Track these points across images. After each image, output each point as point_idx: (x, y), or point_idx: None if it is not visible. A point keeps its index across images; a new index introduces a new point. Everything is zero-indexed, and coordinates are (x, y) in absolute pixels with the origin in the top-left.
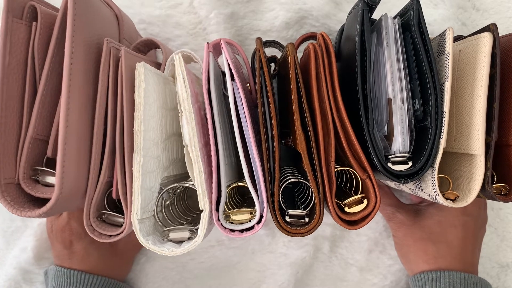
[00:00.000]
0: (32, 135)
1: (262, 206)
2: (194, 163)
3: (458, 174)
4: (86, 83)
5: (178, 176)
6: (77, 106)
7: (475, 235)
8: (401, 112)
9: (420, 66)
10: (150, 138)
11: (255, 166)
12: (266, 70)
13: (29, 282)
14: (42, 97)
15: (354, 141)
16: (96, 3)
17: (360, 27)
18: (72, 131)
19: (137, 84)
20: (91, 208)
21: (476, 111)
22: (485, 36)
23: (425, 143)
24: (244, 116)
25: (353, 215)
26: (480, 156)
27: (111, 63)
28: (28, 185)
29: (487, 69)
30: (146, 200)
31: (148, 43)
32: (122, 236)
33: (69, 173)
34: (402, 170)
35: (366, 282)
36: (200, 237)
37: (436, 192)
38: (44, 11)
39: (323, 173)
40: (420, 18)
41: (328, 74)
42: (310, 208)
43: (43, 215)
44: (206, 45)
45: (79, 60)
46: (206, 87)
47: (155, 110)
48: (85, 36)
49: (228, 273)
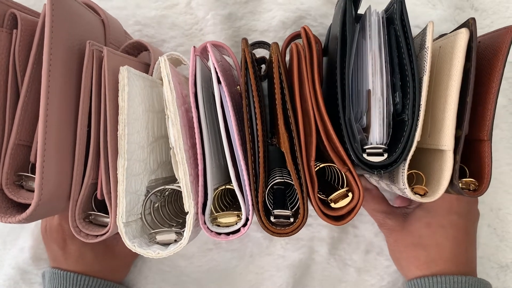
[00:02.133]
0: (15, 141)
1: (248, 209)
2: (179, 165)
3: (431, 170)
4: (68, 87)
5: (168, 178)
6: (57, 111)
7: (466, 232)
8: (379, 104)
9: (401, 59)
10: (135, 141)
11: (240, 169)
12: (251, 70)
13: (28, 282)
14: (24, 103)
15: (332, 134)
16: (76, 9)
17: (341, 17)
18: (52, 136)
19: (120, 87)
20: (76, 210)
21: (448, 106)
22: (462, 32)
23: (401, 135)
24: (230, 120)
25: (339, 210)
26: (449, 152)
27: (94, 65)
28: (11, 191)
29: (461, 65)
30: (132, 204)
31: (136, 45)
32: (108, 235)
33: (49, 177)
34: (376, 162)
35: (364, 283)
36: (185, 239)
37: (404, 185)
38: (24, 18)
39: (305, 172)
40: (403, 10)
41: (309, 66)
42: (296, 208)
43: (24, 221)
44: (192, 49)
45: (58, 63)
46: (192, 90)
47: (140, 113)
48: (65, 39)
49: (226, 276)
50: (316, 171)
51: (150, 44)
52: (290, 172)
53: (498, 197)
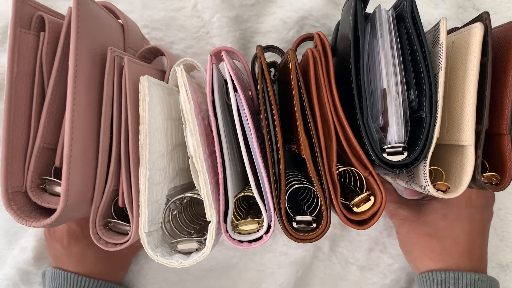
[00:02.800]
0: (40, 144)
1: (269, 216)
2: (199, 174)
3: (450, 166)
4: (92, 91)
5: (185, 185)
6: (82, 115)
7: (482, 228)
8: (396, 102)
9: (414, 56)
10: (155, 150)
11: (261, 177)
12: (268, 78)
13: (27, 282)
14: (49, 106)
15: (352, 138)
16: (100, 13)
17: (353, 18)
18: (78, 141)
19: (141, 97)
20: (98, 216)
21: (467, 101)
22: (476, 27)
23: (420, 133)
24: (248, 127)
25: (361, 214)
26: (470, 147)
27: (115, 72)
28: (35, 194)
29: (478, 60)
30: (153, 213)
31: (153, 51)
32: (128, 244)
33: (75, 183)
34: (397, 161)
35: (366, 281)
36: (208, 248)
37: (426, 183)
38: (51, 21)
39: (327, 178)
40: (414, 7)
41: (325, 73)
42: (317, 212)
43: (49, 225)
44: (209, 58)
45: (83, 69)
46: (210, 99)
47: (160, 122)
48: (89, 45)
49: (228, 273)
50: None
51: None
52: (313, 178)
53: (499, 197)
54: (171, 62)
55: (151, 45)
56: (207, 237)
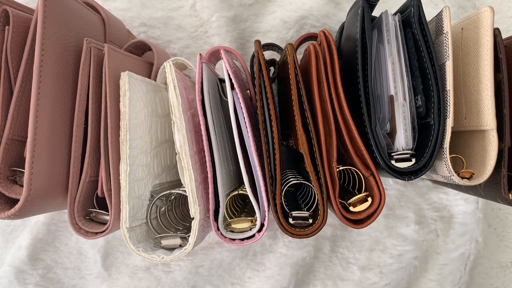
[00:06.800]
0: (8, 135)
1: (263, 215)
2: (184, 171)
3: (471, 152)
4: (63, 84)
5: (173, 182)
6: (49, 106)
7: None
8: (403, 109)
9: (422, 62)
10: (137, 146)
11: (256, 176)
12: (265, 72)
13: (22, 283)
14: (18, 98)
15: (356, 138)
16: (75, 6)
17: (360, 25)
18: (43, 130)
19: (122, 93)
20: (75, 207)
21: (484, 85)
22: (486, 10)
23: (428, 139)
24: (244, 125)
25: (358, 214)
26: (492, 131)
27: (92, 63)
28: (3, 185)
29: (490, 43)
30: (135, 208)
31: (140, 45)
32: (107, 233)
33: (40, 173)
34: (405, 168)
35: (366, 281)
36: (190, 245)
37: (450, 173)
38: (17, 15)
39: (325, 173)
40: (421, 14)
41: (330, 71)
42: (314, 209)
43: (13, 216)
44: (198, 57)
45: (50, 58)
46: (199, 97)
47: (142, 118)
48: (60, 36)
49: (229, 274)
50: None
51: (155, 45)
52: (310, 173)
53: None
54: (158, 57)
55: (138, 39)
56: (190, 234)
